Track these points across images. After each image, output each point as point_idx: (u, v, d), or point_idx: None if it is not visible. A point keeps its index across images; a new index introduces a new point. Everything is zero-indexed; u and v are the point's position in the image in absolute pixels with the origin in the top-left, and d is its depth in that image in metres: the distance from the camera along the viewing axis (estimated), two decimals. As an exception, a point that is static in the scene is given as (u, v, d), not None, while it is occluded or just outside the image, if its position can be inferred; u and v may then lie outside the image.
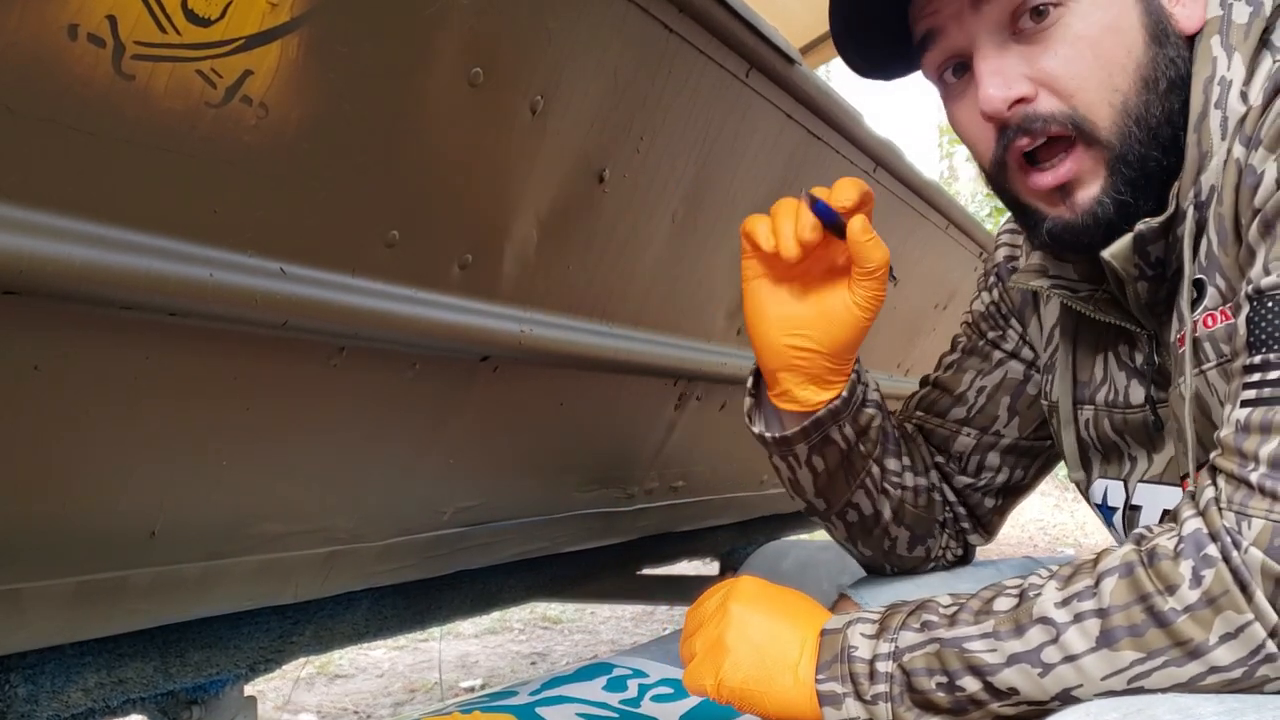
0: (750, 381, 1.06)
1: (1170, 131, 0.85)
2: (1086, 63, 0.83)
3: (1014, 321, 1.12)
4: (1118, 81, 0.83)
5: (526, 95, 0.97)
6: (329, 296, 0.86)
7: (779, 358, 0.99)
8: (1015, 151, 0.86)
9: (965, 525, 1.15)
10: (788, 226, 0.93)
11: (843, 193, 0.91)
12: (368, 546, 1.13)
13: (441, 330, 1.00)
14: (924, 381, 1.18)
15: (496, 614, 3.74)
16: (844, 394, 1.01)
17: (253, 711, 1.22)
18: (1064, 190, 0.86)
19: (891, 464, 1.08)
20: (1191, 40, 0.87)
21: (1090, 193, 0.86)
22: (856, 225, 0.92)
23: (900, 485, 1.08)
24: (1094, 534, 6.82)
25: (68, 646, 0.99)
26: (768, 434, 1.04)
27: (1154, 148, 0.84)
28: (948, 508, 1.14)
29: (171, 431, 0.84)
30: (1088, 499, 1.06)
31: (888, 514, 1.09)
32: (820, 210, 0.92)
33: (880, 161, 1.71)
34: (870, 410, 1.04)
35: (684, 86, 1.17)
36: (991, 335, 1.13)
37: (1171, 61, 0.85)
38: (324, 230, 0.85)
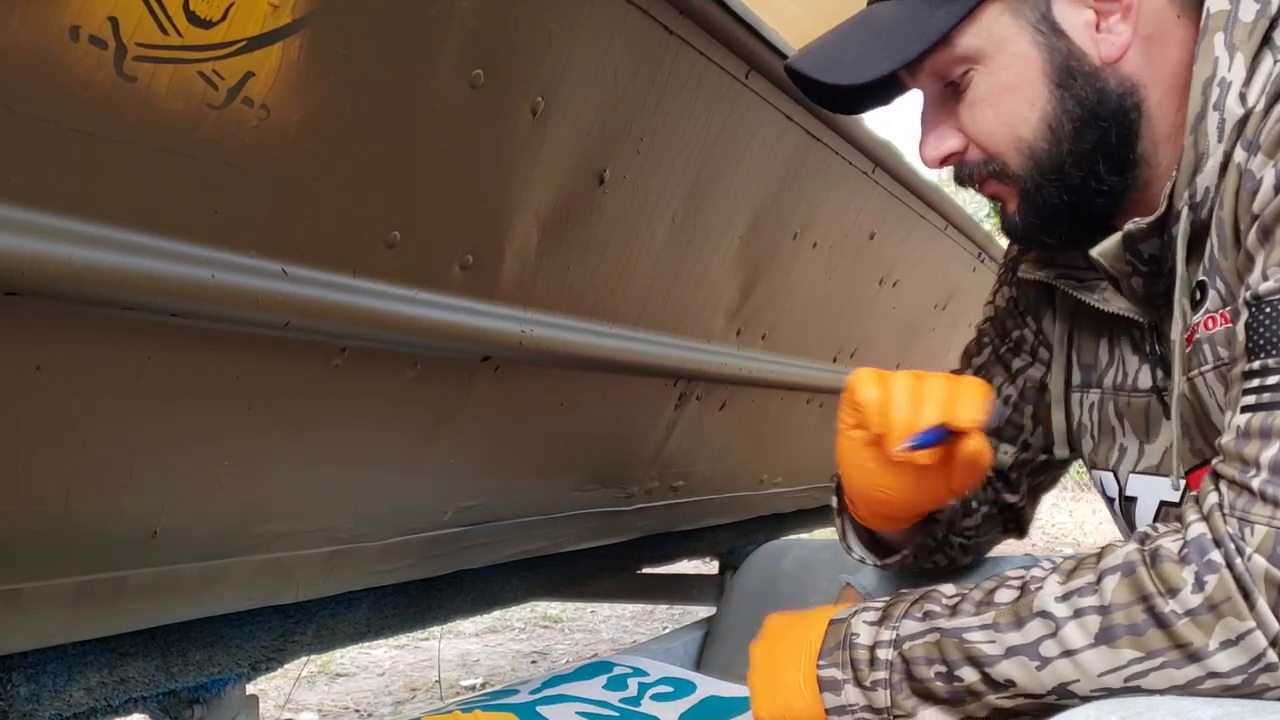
0: (835, 502, 1.11)
1: (1089, 165, 0.88)
2: (990, 122, 0.90)
3: (1029, 319, 1.12)
4: (1022, 133, 0.89)
5: (527, 97, 0.97)
6: (330, 297, 0.87)
7: (862, 496, 0.99)
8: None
9: (1010, 525, 1.20)
10: (900, 430, 0.89)
11: (968, 411, 0.89)
12: (369, 546, 1.13)
13: (442, 330, 1.00)
14: None
15: (497, 613, 3.74)
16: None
17: (254, 710, 1.22)
18: (996, 199, 0.95)
19: (966, 523, 1.13)
20: (1117, 66, 0.87)
21: (1012, 205, 0.93)
22: (973, 445, 0.91)
23: (974, 536, 1.15)
24: (1092, 534, 6.82)
25: (69, 646, 0.99)
26: (879, 562, 1.12)
27: (1062, 191, 0.90)
28: (1000, 512, 1.18)
29: (173, 432, 0.84)
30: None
31: (955, 551, 1.16)
32: (931, 439, 0.89)
33: (879, 162, 1.71)
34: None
35: (684, 88, 1.17)
36: (1015, 334, 1.13)
37: (1078, 100, 0.87)
38: (325, 231, 0.85)
